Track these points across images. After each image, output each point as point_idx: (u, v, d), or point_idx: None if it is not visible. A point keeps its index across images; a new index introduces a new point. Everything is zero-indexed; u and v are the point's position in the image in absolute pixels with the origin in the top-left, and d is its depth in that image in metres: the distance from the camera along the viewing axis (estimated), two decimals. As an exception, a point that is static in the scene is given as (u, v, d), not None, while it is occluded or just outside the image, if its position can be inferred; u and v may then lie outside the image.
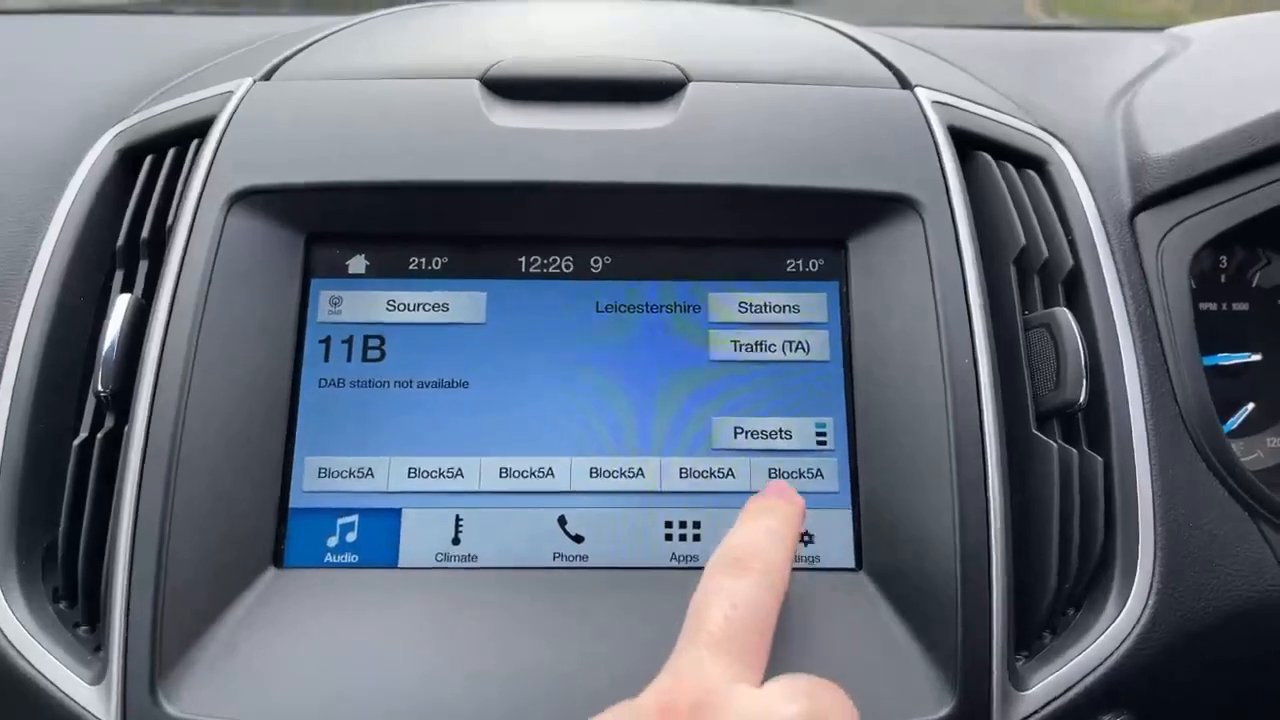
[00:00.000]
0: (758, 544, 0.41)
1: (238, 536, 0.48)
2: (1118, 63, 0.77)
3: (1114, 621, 0.49)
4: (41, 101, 0.65)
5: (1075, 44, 0.85)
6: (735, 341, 0.54)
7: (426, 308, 0.54)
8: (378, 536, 0.50)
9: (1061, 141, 0.63)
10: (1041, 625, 0.49)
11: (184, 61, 0.72)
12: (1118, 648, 0.48)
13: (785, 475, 0.52)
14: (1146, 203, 0.59)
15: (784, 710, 0.34)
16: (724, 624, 0.38)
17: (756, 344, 0.53)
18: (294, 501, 0.50)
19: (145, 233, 0.55)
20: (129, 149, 0.60)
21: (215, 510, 0.48)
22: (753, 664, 0.37)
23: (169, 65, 0.71)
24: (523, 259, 0.55)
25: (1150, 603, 0.49)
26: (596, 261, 0.55)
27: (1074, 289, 0.56)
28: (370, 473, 0.51)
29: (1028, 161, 0.61)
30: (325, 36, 0.68)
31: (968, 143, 0.59)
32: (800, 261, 0.55)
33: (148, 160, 0.59)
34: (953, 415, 0.48)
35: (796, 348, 0.54)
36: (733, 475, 0.52)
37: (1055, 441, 0.50)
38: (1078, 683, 0.47)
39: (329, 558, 0.50)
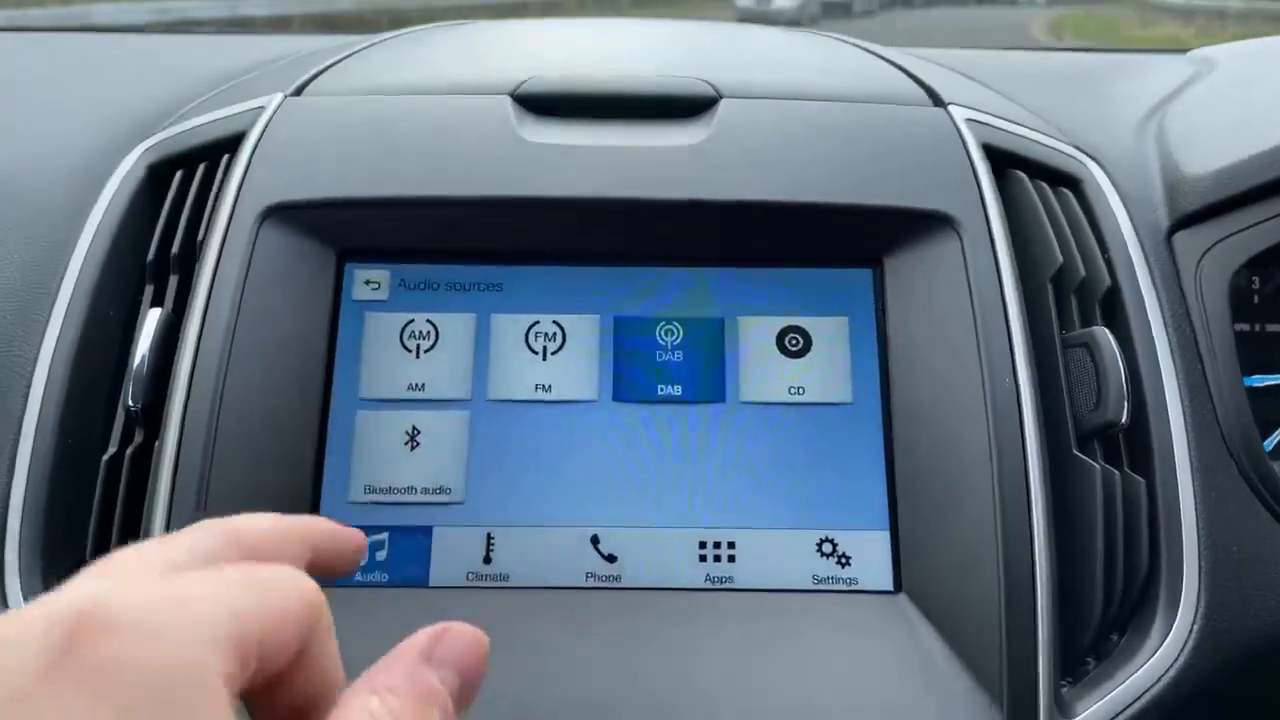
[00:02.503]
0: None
1: (267, 554, 0.48)
2: (1144, 84, 0.77)
3: (1160, 646, 0.48)
4: (72, 116, 0.65)
5: (1098, 66, 0.85)
6: (768, 378, 0.53)
7: (459, 326, 0.53)
8: (408, 555, 0.50)
9: (1095, 160, 0.62)
10: (1086, 650, 0.48)
11: (211, 79, 0.72)
12: (1164, 673, 0.47)
13: (821, 496, 0.51)
14: (1184, 221, 0.58)
15: None
16: None
17: (792, 387, 0.52)
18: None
19: (176, 247, 0.54)
20: (159, 163, 0.60)
21: (245, 527, 0.47)
22: None
23: (196, 83, 0.71)
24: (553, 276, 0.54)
25: (1196, 627, 0.48)
26: (623, 277, 0.54)
27: (1111, 308, 0.55)
28: (397, 490, 0.50)
29: (1062, 180, 0.60)
30: (355, 52, 0.68)
31: (1001, 161, 0.59)
32: (834, 279, 0.54)
33: (178, 175, 0.59)
34: (994, 435, 0.48)
35: (831, 368, 0.53)
36: (767, 493, 0.51)
37: (1097, 463, 0.50)
38: (1124, 710, 0.46)
39: (359, 576, 0.49)
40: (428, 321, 0.53)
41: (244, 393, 0.49)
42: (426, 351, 0.53)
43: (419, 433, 0.52)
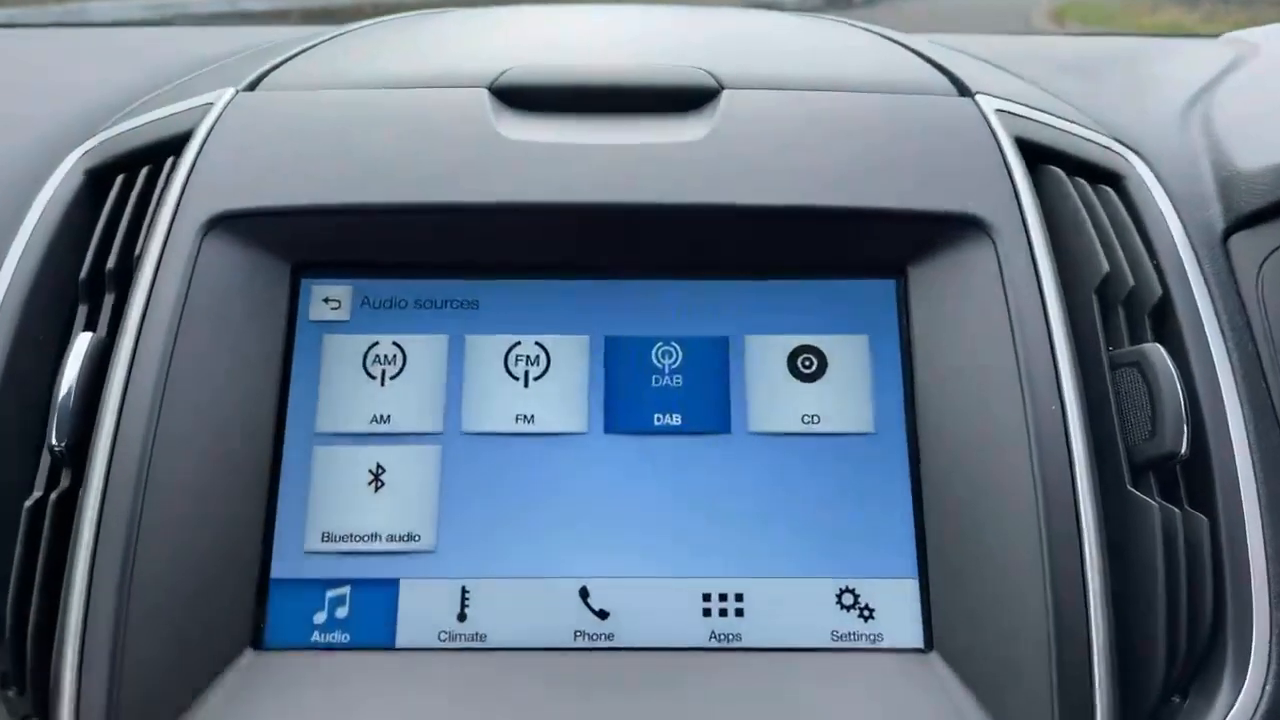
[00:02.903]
0: None
1: (210, 614, 0.42)
2: (1180, 69, 0.71)
3: (1230, 711, 0.42)
4: (5, 116, 0.59)
5: (1125, 51, 0.79)
6: (778, 405, 0.47)
7: (429, 349, 0.47)
8: (372, 611, 0.44)
9: (1138, 154, 0.56)
10: (1147, 717, 0.42)
11: (169, 73, 0.66)
12: (1236, 743, 0.41)
13: (840, 539, 0.45)
14: (1241, 223, 0.52)
15: None
16: None
17: (805, 416, 0.47)
18: (276, 571, 0.44)
19: (111, 262, 0.49)
20: (98, 168, 0.55)
21: (183, 584, 0.41)
22: None
23: (152, 77, 0.65)
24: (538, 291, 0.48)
25: (1268, 689, 0.43)
26: (614, 292, 0.48)
27: (1163, 321, 0.50)
28: (359, 538, 0.44)
29: (1102, 176, 0.54)
30: (318, 44, 0.62)
31: (1035, 156, 0.53)
32: (852, 292, 0.48)
33: (118, 181, 0.53)
34: (1039, 469, 0.42)
35: (850, 393, 0.47)
36: (779, 537, 0.45)
37: (1154, 500, 0.44)
38: (1192, 788, 0.40)
39: (316, 637, 0.43)
40: (394, 344, 0.48)
41: (182, 428, 0.43)
42: (393, 378, 0.47)
43: (384, 471, 0.46)
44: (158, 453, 0.42)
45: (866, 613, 0.44)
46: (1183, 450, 0.44)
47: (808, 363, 0.48)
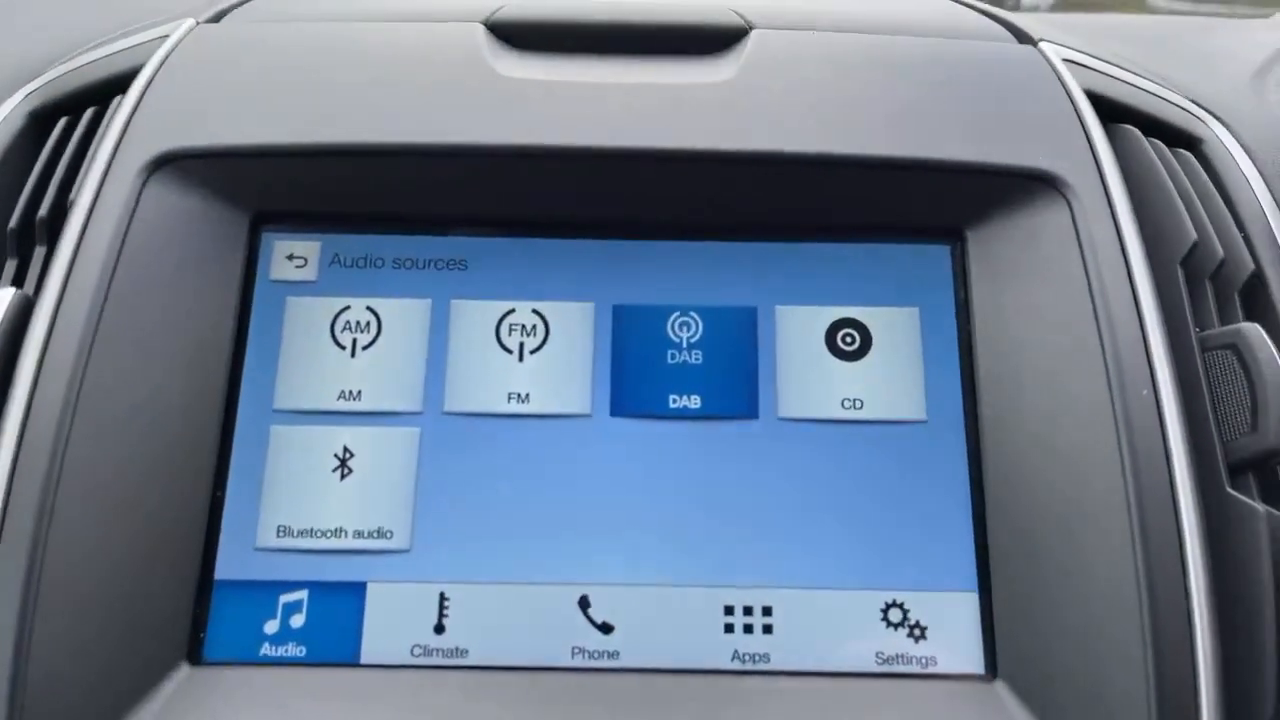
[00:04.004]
0: None
1: (138, 622, 0.36)
2: (1242, 41, 0.66)
3: (1350, 752, 0.35)
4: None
5: (1187, 27, 0.74)
6: (814, 387, 0.41)
7: (409, 315, 0.41)
8: (334, 621, 0.38)
9: (1216, 118, 0.50)
10: (1255, 759, 0.36)
11: (139, 14, 0.60)
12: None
13: (887, 545, 0.38)
14: (1338, 191, 0.46)
15: None
16: None
17: (846, 400, 0.40)
18: (221, 572, 0.38)
19: (44, 210, 0.42)
20: (41, 109, 0.49)
21: (105, 587, 0.35)
22: None
23: (118, 17, 0.59)
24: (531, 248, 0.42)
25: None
26: (624, 254, 0.42)
27: (1253, 298, 0.43)
28: (321, 533, 0.38)
29: (1179, 140, 0.48)
30: None
31: (1107, 114, 0.47)
32: (901, 258, 0.42)
33: (61, 123, 0.47)
34: (1130, 464, 0.35)
35: (899, 374, 0.41)
36: (815, 542, 0.38)
37: (1259, 504, 0.37)
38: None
39: (266, 650, 0.37)
40: (368, 309, 0.42)
41: (111, 402, 0.37)
42: (365, 349, 0.41)
43: (352, 456, 0.40)
44: (78, 430, 0.35)
45: (918, 632, 0.38)
46: (1291, 446, 0.38)
47: (849, 338, 0.41)
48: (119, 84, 0.46)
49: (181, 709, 0.35)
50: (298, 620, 0.37)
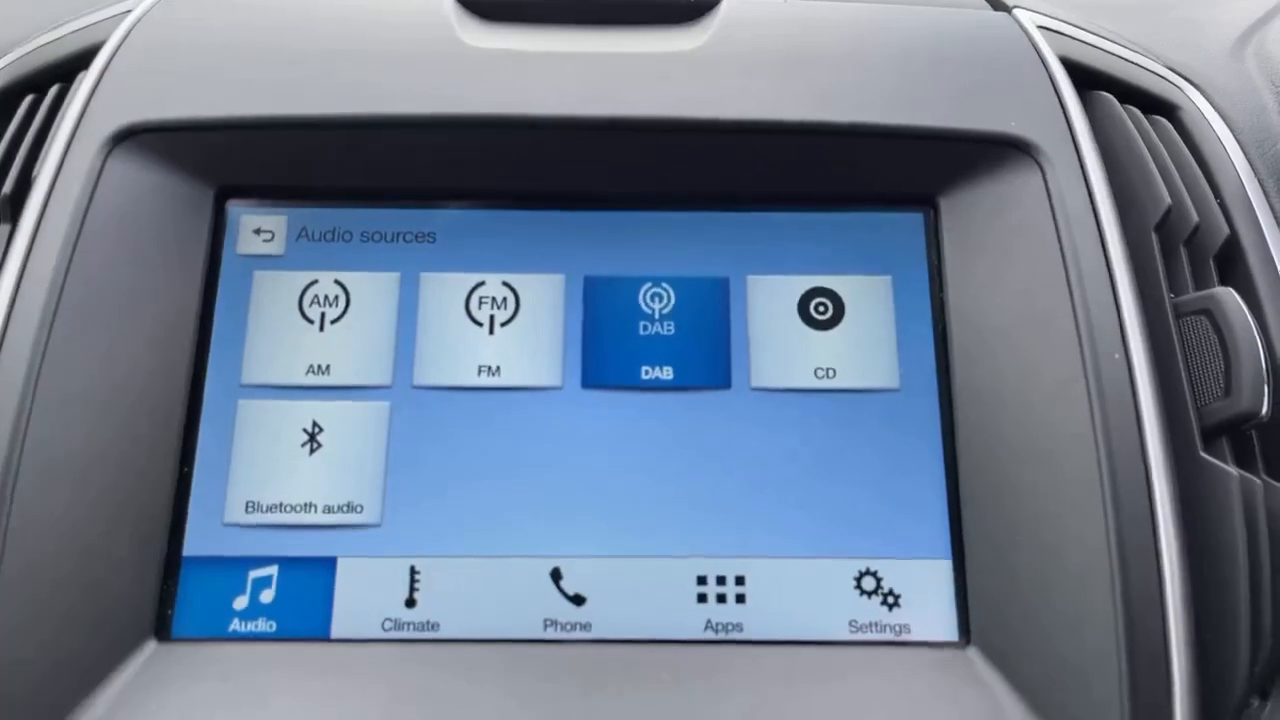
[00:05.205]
0: None
1: (105, 599, 0.35)
2: (1227, 8, 0.65)
3: (1322, 717, 0.35)
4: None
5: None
6: (787, 356, 0.40)
7: (377, 289, 0.41)
8: (304, 596, 0.37)
9: (1194, 85, 0.50)
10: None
11: None
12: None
13: (860, 513, 0.38)
14: (1316, 156, 0.46)
15: None
16: None
17: (819, 369, 0.40)
18: (189, 548, 0.37)
19: (8, 188, 0.42)
20: (8, 88, 0.48)
21: (69, 563, 0.35)
22: None
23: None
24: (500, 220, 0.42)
25: (1366, 690, 0.36)
26: (595, 224, 0.42)
27: (1229, 264, 0.43)
28: (290, 508, 0.38)
29: (1156, 106, 0.48)
30: None
31: (1081, 80, 0.46)
32: (873, 226, 0.42)
33: (26, 100, 0.46)
34: (1101, 429, 0.35)
35: (872, 342, 0.40)
36: (788, 510, 0.38)
37: (1231, 467, 0.37)
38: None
39: (235, 625, 0.37)
40: (336, 282, 0.41)
41: (75, 377, 0.36)
42: (334, 322, 0.41)
43: (321, 430, 0.39)
44: (39, 408, 0.35)
45: (891, 600, 0.38)
46: (1263, 411, 0.38)
47: (821, 307, 0.41)
48: (83, 59, 0.46)
49: (149, 686, 0.35)
50: (267, 596, 0.37)
